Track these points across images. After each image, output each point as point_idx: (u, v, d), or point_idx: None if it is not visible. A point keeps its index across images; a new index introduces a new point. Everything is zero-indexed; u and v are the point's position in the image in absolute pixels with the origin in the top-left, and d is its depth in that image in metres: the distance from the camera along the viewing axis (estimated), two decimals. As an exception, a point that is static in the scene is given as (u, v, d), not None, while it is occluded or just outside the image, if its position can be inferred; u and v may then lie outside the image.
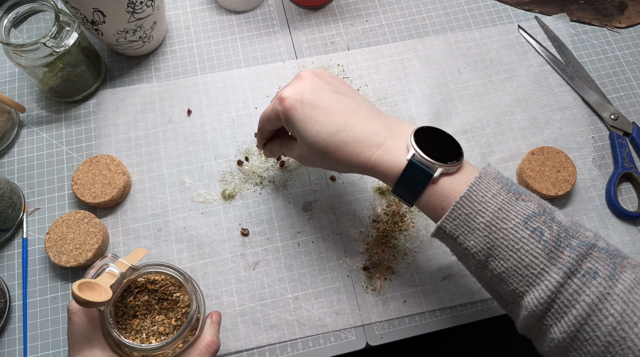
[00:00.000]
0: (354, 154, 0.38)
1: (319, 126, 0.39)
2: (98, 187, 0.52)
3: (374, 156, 0.38)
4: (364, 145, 0.38)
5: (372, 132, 0.38)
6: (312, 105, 0.39)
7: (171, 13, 0.65)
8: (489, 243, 0.34)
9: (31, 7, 0.52)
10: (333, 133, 0.39)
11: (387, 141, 0.38)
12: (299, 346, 0.49)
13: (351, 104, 0.40)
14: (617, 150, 0.56)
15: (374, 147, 0.38)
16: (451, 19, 0.65)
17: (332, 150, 0.39)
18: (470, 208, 0.35)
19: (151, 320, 0.41)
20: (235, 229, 0.54)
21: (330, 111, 0.39)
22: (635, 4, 0.66)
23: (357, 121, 0.39)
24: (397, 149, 0.38)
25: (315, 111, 0.39)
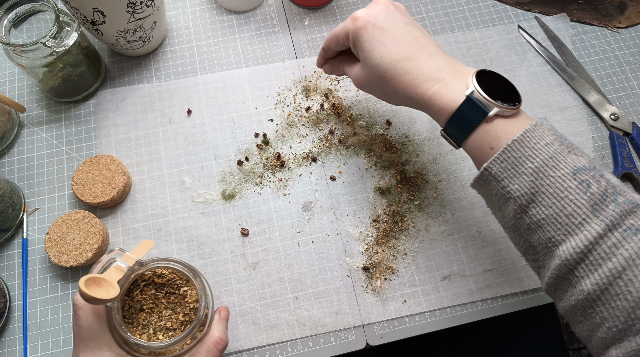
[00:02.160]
0: (412, 84, 0.39)
1: (384, 50, 0.40)
2: (98, 187, 0.52)
3: (432, 89, 0.39)
4: (424, 77, 0.39)
5: (435, 67, 0.39)
6: (382, 29, 0.41)
7: (171, 13, 0.65)
8: (533, 188, 0.34)
9: (31, 7, 0.52)
10: (396, 59, 0.40)
11: (448, 78, 0.39)
12: (299, 346, 0.49)
13: (420, 38, 0.41)
14: (617, 150, 0.56)
15: (433, 81, 0.39)
16: (451, 19, 0.65)
17: (391, 76, 0.40)
18: (520, 152, 0.35)
19: (158, 315, 0.40)
20: (235, 229, 0.54)
21: (399, 39, 0.40)
22: (635, 4, 0.66)
23: (422, 54, 0.40)
24: (457, 86, 0.38)
25: (384, 35, 0.40)
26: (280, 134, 0.58)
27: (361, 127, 0.58)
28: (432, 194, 0.55)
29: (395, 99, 0.43)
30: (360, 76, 0.44)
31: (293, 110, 0.59)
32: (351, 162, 0.57)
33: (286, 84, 0.61)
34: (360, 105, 0.60)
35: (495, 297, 0.51)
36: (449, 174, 0.56)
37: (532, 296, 0.52)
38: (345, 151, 0.57)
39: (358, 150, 0.57)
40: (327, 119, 0.59)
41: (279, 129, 0.58)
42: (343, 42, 0.45)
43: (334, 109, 0.59)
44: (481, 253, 0.53)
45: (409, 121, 0.59)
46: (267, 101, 0.60)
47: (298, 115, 0.59)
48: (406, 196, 0.55)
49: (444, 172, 0.56)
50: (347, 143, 0.58)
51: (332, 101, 0.60)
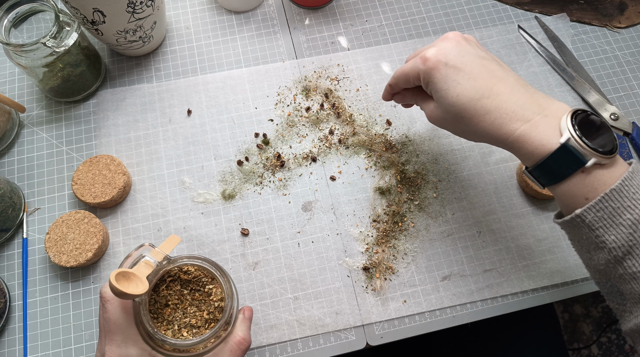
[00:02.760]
0: (494, 124, 0.37)
1: (460, 89, 0.38)
2: (98, 187, 0.52)
3: (518, 131, 0.36)
4: (507, 117, 0.36)
5: (520, 105, 0.37)
6: (455, 67, 0.38)
7: (171, 13, 0.65)
8: (631, 241, 0.33)
9: (31, 7, 0.51)
10: (475, 98, 0.37)
11: (536, 117, 0.36)
12: (299, 346, 0.49)
13: (498, 72, 0.39)
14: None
15: (519, 121, 0.36)
16: (451, 19, 0.65)
17: (470, 116, 0.38)
18: (618, 202, 0.33)
19: (183, 311, 0.40)
20: (235, 229, 0.54)
21: (475, 76, 0.38)
22: (635, 4, 0.66)
23: (503, 90, 0.37)
24: (547, 128, 0.36)
25: (459, 74, 0.38)
26: (280, 134, 0.58)
27: (361, 127, 0.58)
28: (432, 194, 0.55)
29: (475, 138, 0.40)
30: (435, 114, 0.42)
31: (293, 110, 0.59)
32: (351, 162, 0.57)
33: (286, 84, 0.61)
34: (360, 105, 0.60)
35: (495, 297, 0.51)
36: (449, 174, 0.56)
37: (532, 296, 0.52)
38: (345, 151, 0.57)
39: (358, 150, 0.57)
40: (327, 119, 0.59)
41: (279, 129, 0.58)
42: (413, 82, 0.43)
43: (334, 109, 0.59)
44: (481, 253, 0.53)
45: (409, 121, 0.59)
46: (267, 101, 0.60)
47: (298, 115, 0.59)
48: (406, 196, 0.55)
49: (444, 172, 0.56)
50: (347, 143, 0.58)
51: (332, 101, 0.60)
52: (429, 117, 0.44)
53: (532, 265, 0.52)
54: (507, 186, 0.56)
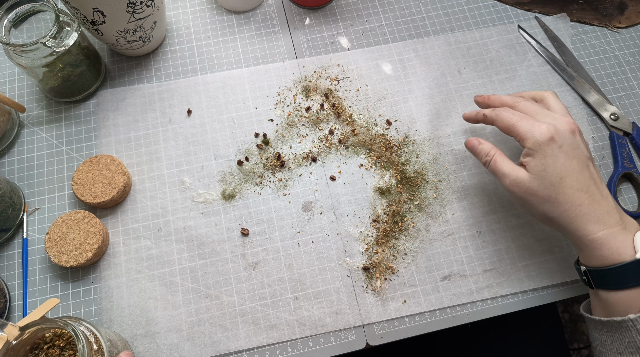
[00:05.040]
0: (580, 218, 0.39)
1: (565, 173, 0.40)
2: (98, 187, 0.52)
3: (599, 233, 0.39)
4: (595, 217, 0.39)
5: (607, 211, 0.40)
6: (567, 154, 0.41)
7: (171, 13, 0.65)
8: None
9: (31, 7, 0.51)
10: (575, 188, 0.40)
11: (617, 227, 0.39)
12: (299, 346, 0.49)
13: (595, 175, 0.42)
14: (617, 150, 0.56)
15: (602, 224, 0.39)
16: (451, 19, 0.65)
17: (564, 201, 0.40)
18: None
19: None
20: (235, 229, 0.54)
21: (580, 170, 0.41)
22: (635, 4, 0.66)
23: (597, 192, 0.40)
24: (625, 240, 0.38)
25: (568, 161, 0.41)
26: (280, 134, 0.58)
27: (361, 127, 0.58)
28: (432, 194, 0.55)
29: (548, 220, 0.43)
30: (524, 184, 0.43)
31: (293, 110, 0.59)
32: (351, 162, 0.57)
33: (286, 84, 0.61)
34: (360, 105, 0.60)
35: (495, 297, 0.51)
36: (449, 174, 0.56)
37: (532, 295, 0.52)
38: (345, 151, 0.57)
39: (358, 150, 0.57)
40: (327, 119, 0.59)
41: (279, 129, 0.58)
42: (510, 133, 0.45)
43: (334, 109, 0.59)
44: (481, 253, 0.53)
45: (409, 121, 0.59)
46: (267, 101, 0.60)
47: (298, 115, 0.59)
48: (406, 196, 0.55)
49: (444, 172, 0.56)
50: (347, 143, 0.58)
51: (332, 101, 0.60)
52: (510, 183, 0.44)
53: (532, 265, 0.52)
54: (507, 186, 0.56)
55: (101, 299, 0.51)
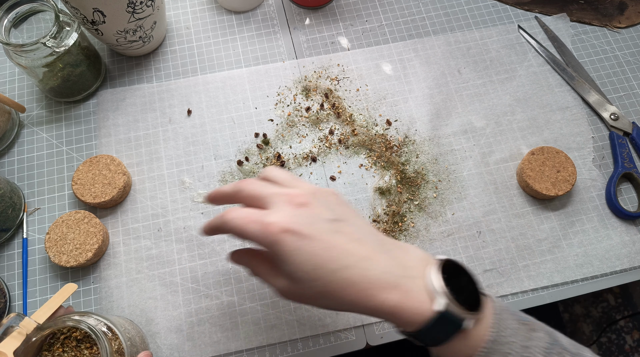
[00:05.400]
0: (362, 296, 0.32)
1: (317, 261, 0.32)
2: (98, 187, 0.52)
3: (392, 301, 0.32)
4: (374, 287, 0.32)
5: (382, 270, 0.32)
6: (308, 237, 0.32)
7: (171, 13, 0.65)
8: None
9: (31, 7, 0.51)
10: (336, 270, 0.32)
11: (402, 281, 0.32)
12: (299, 346, 0.49)
13: (355, 234, 0.34)
14: (617, 150, 0.56)
15: (387, 288, 0.32)
16: (451, 19, 0.65)
17: (334, 290, 0.32)
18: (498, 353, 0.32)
19: None
20: (235, 229, 0.54)
21: (331, 245, 0.32)
22: (635, 4, 0.66)
23: (363, 255, 0.33)
24: (418, 294, 0.32)
25: (312, 244, 0.32)
26: (280, 134, 0.58)
27: (361, 127, 0.58)
28: (432, 194, 0.55)
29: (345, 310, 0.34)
30: (290, 290, 0.35)
31: (293, 110, 0.59)
32: (351, 162, 0.57)
33: (286, 84, 0.61)
34: (360, 105, 0.60)
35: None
36: (449, 174, 0.56)
37: (532, 295, 0.52)
38: (345, 151, 0.57)
39: (358, 150, 0.57)
40: (327, 119, 0.59)
41: (279, 129, 0.58)
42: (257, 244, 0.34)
43: (334, 109, 0.59)
44: (481, 253, 0.53)
45: (409, 121, 0.59)
46: (267, 101, 0.60)
47: (298, 115, 0.59)
48: (406, 196, 0.55)
49: (444, 172, 0.56)
50: (347, 143, 0.58)
51: (332, 101, 0.60)
52: (282, 293, 0.35)
53: (532, 265, 0.52)
54: (507, 186, 0.56)
55: (101, 299, 0.51)
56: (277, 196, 0.35)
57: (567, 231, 0.54)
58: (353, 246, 0.33)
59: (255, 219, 0.33)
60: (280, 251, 0.32)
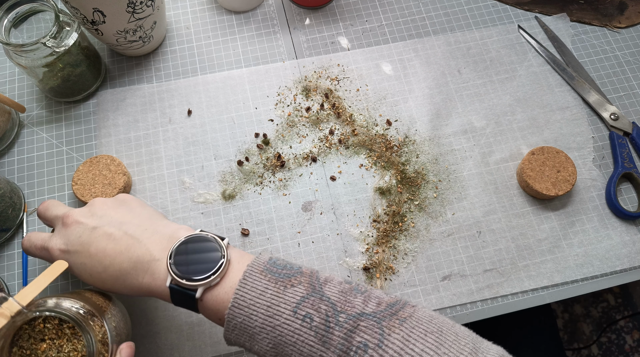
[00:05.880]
0: (127, 285, 0.38)
1: (88, 269, 0.39)
2: (98, 188, 0.52)
3: (145, 283, 0.38)
4: (131, 275, 0.38)
5: (135, 260, 0.38)
6: (77, 252, 0.39)
7: (171, 13, 0.65)
8: (271, 342, 0.34)
9: (31, 7, 0.51)
10: (101, 272, 0.39)
11: (151, 265, 0.38)
12: (299, 346, 0.49)
13: (111, 230, 0.40)
14: (617, 150, 0.56)
15: (140, 273, 0.38)
16: (451, 19, 0.65)
17: (110, 286, 0.39)
18: (242, 315, 0.34)
19: (58, 348, 0.38)
20: (236, 229, 0.54)
21: (94, 252, 0.39)
22: (635, 4, 0.66)
23: (118, 251, 0.38)
24: (161, 273, 0.37)
25: (81, 256, 0.39)
26: (280, 134, 0.58)
27: (361, 127, 0.58)
28: (432, 194, 0.55)
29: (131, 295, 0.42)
30: None
31: (293, 110, 0.59)
32: (351, 162, 0.57)
33: (286, 84, 0.61)
34: (360, 105, 0.60)
35: (495, 297, 0.51)
36: (449, 174, 0.56)
37: (532, 295, 0.52)
38: (345, 151, 0.57)
39: (358, 150, 0.57)
40: (327, 119, 0.59)
41: (279, 129, 0.58)
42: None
43: (334, 109, 0.59)
44: (481, 253, 0.53)
45: (409, 121, 0.59)
46: (267, 101, 0.60)
47: (298, 115, 0.59)
48: (406, 196, 0.55)
49: (444, 172, 0.56)
50: (347, 143, 0.58)
51: (332, 101, 0.60)
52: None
53: (532, 265, 0.52)
54: (507, 186, 0.56)
55: (101, 299, 0.50)
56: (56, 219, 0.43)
57: (567, 231, 0.54)
58: (110, 246, 0.39)
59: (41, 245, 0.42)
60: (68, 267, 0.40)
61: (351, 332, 0.32)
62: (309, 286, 0.35)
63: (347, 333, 0.32)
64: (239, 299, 0.35)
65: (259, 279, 0.36)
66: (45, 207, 0.45)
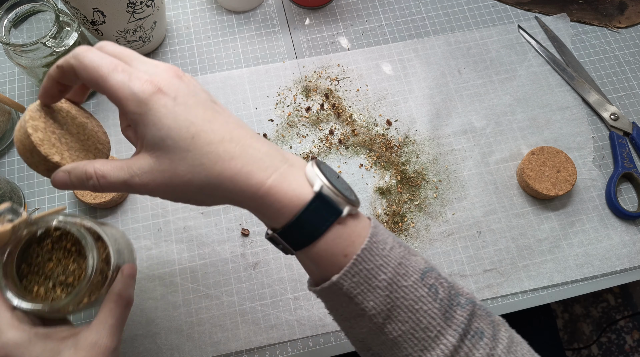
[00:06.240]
0: (242, 172, 0.29)
1: (195, 130, 0.29)
2: (98, 187, 0.52)
3: (270, 180, 0.29)
4: (256, 165, 0.29)
5: (265, 152, 0.30)
6: (187, 105, 0.29)
7: (171, 13, 0.65)
8: (390, 303, 0.30)
9: (31, 7, 0.52)
10: (215, 141, 0.29)
11: (284, 166, 0.30)
12: (299, 346, 0.50)
13: (231, 118, 0.31)
14: (617, 150, 0.56)
15: (269, 168, 0.30)
16: (451, 19, 0.65)
17: (213, 162, 0.29)
18: (372, 262, 0.30)
19: (64, 268, 0.37)
20: (236, 229, 0.54)
21: (211, 117, 0.30)
22: (635, 4, 0.66)
23: (244, 135, 0.30)
24: (297, 178, 0.30)
25: (191, 112, 0.29)
26: (280, 134, 0.58)
27: (361, 127, 0.58)
28: (432, 194, 0.55)
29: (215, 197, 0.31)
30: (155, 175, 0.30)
31: (293, 110, 0.59)
32: (351, 162, 0.57)
33: (286, 84, 0.61)
34: (361, 105, 0.60)
35: (496, 297, 0.51)
36: (449, 174, 0.56)
37: (532, 295, 0.52)
38: (345, 151, 0.57)
39: (358, 151, 0.57)
40: (327, 119, 0.59)
41: (279, 129, 0.58)
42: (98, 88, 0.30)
43: (334, 109, 0.59)
44: (481, 253, 0.53)
45: (409, 121, 0.59)
46: (267, 101, 0.60)
47: (298, 115, 0.59)
48: (406, 196, 0.55)
49: (444, 172, 0.56)
50: (347, 143, 0.58)
51: (332, 101, 0.60)
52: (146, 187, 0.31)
53: (532, 265, 0.52)
54: (507, 186, 0.56)
55: (101, 299, 0.51)
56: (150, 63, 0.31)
57: (567, 231, 0.54)
58: (233, 126, 0.30)
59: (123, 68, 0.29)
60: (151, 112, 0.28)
61: (472, 316, 0.31)
62: (425, 260, 0.32)
63: (470, 315, 0.30)
64: (373, 245, 0.30)
65: (387, 235, 0.31)
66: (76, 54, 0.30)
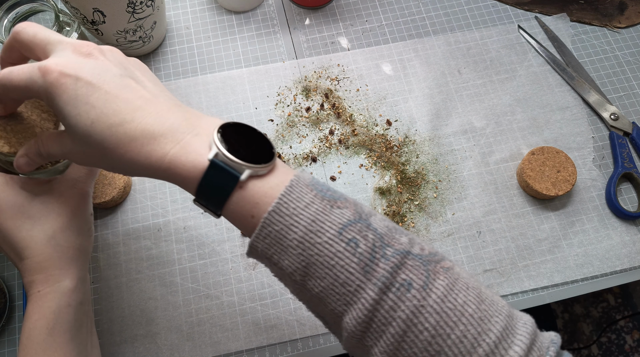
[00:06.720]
0: (142, 152, 0.31)
1: (95, 114, 0.30)
2: (98, 187, 0.52)
3: (169, 155, 0.30)
4: (156, 142, 0.31)
5: (168, 127, 0.31)
6: (91, 85, 0.30)
7: (171, 13, 0.65)
8: (304, 261, 0.30)
9: (31, 7, 0.51)
10: (115, 124, 0.30)
11: (187, 138, 0.31)
12: (299, 346, 0.50)
13: (143, 92, 0.32)
14: (617, 150, 0.56)
15: (169, 143, 0.31)
16: (451, 19, 0.65)
17: (114, 146, 0.31)
18: (281, 223, 0.30)
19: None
20: (235, 229, 0.54)
21: (115, 97, 0.31)
22: (635, 4, 0.66)
23: (149, 112, 0.31)
24: (198, 147, 0.31)
25: (94, 95, 0.30)
26: (280, 134, 0.58)
27: (361, 127, 0.58)
28: (432, 194, 0.55)
29: (130, 171, 0.32)
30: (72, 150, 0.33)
31: (293, 110, 0.59)
32: (351, 162, 0.57)
33: (286, 84, 0.61)
34: (361, 105, 0.60)
35: (495, 297, 0.51)
36: (449, 174, 0.56)
37: (532, 295, 0.52)
38: (345, 151, 0.57)
39: (358, 150, 0.57)
40: (327, 119, 0.59)
41: (279, 129, 0.58)
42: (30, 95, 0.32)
43: (334, 109, 0.59)
44: (481, 253, 0.53)
45: (409, 121, 0.59)
46: (267, 101, 0.60)
47: (298, 115, 0.59)
48: (406, 196, 0.55)
49: (444, 172, 0.56)
50: (347, 143, 0.58)
51: (332, 101, 0.60)
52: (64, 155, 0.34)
53: (532, 265, 0.52)
54: (507, 186, 0.56)
55: (101, 299, 0.51)
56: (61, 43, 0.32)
57: (567, 231, 0.54)
58: (140, 103, 0.31)
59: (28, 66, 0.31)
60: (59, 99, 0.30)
61: (397, 268, 0.30)
62: (355, 212, 0.31)
63: (394, 268, 0.29)
64: (282, 206, 0.30)
65: (305, 191, 0.31)
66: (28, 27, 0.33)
